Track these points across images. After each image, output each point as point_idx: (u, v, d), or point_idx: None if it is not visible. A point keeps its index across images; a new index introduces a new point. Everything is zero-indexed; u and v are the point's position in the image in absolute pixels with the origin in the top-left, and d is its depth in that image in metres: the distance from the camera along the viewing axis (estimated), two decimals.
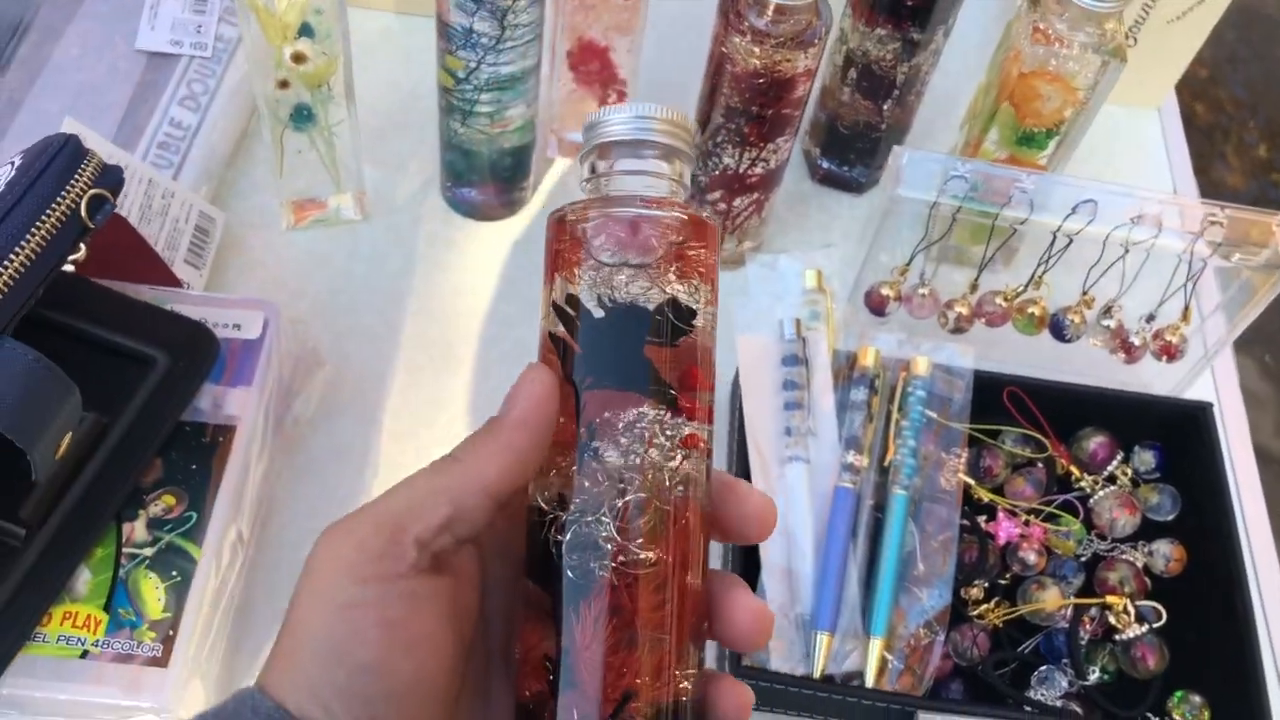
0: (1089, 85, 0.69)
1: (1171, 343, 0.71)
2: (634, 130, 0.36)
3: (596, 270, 0.35)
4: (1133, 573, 0.68)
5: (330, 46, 0.67)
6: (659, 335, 0.35)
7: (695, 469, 0.35)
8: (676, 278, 0.35)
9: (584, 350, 0.35)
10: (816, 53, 0.66)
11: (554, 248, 0.37)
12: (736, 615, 0.35)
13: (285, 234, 0.78)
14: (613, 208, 0.36)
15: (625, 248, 0.35)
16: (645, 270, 0.35)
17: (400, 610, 0.32)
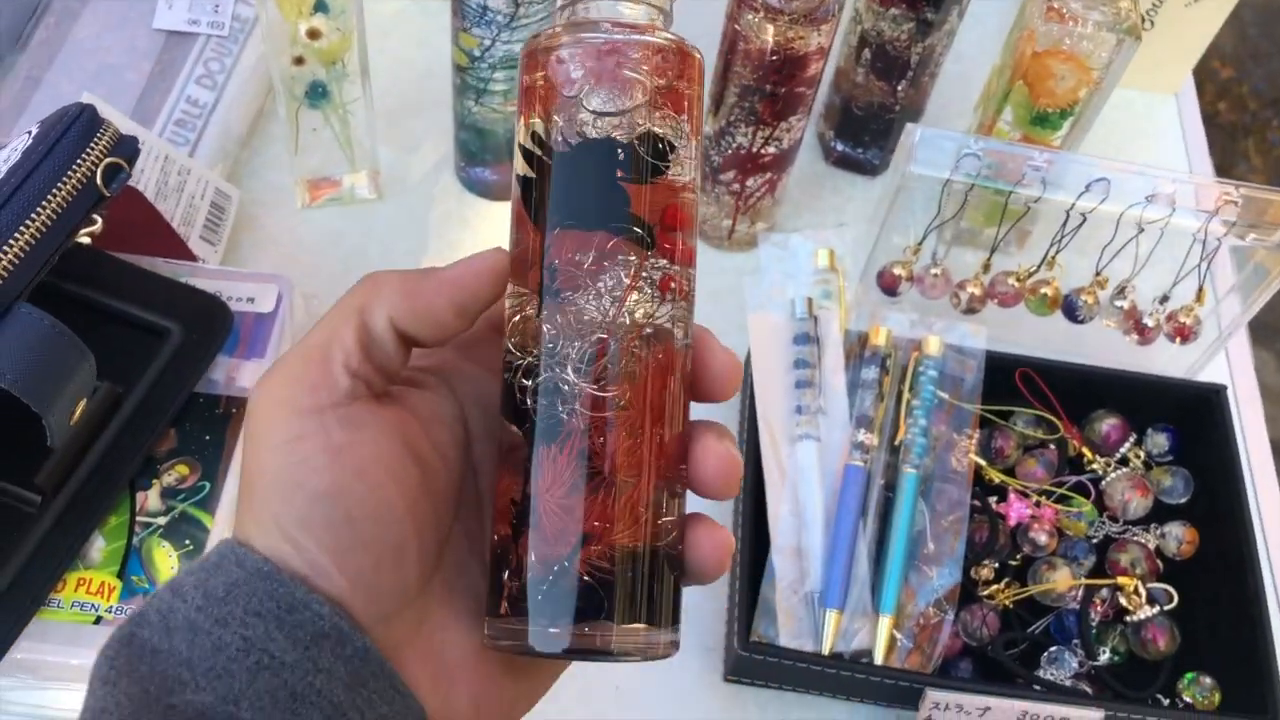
0: (1103, 64, 0.69)
1: (1185, 324, 0.71)
2: None
3: (567, 104, 0.33)
4: (1144, 555, 0.68)
5: (345, 23, 0.67)
6: (634, 171, 0.33)
7: (672, 313, 0.33)
8: (654, 110, 0.33)
9: (552, 188, 0.33)
10: (830, 30, 0.66)
11: (524, 84, 0.34)
12: (705, 460, 0.34)
13: (300, 212, 0.78)
14: (584, 33, 0.33)
15: (598, 77, 0.33)
16: (620, 101, 0.33)
17: (344, 436, 0.32)
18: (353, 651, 0.31)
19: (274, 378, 0.33)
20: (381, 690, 0.31)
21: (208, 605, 0.31)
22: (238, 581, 0.31)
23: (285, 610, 0.30)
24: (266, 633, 0.30)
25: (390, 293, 0.33)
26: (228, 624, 0.30)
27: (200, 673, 0.30)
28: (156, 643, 0.30)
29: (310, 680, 0.30)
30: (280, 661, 0.30)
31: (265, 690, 0.30)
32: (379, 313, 0.33)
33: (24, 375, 0.47)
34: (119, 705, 0.29)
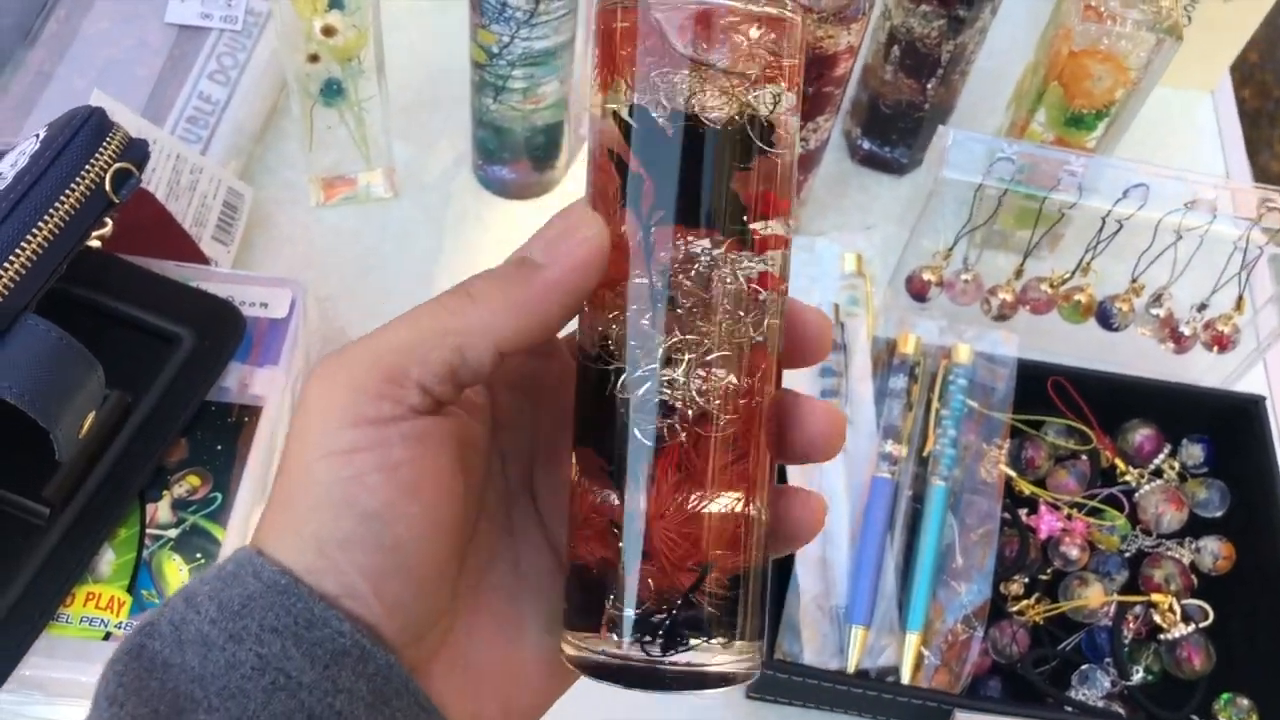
0: (1141, 65, 0.66)
1: (1223, 333, 0.69)
2: None
3: (659, 76, 0.29)
4: (1179, 570, 0.66)
5: (361, 19, 0.65)
6: (738, 157, 0.30)
7: (773, 313, 0.31)
8: (755, 84, 0.30)
9: (647, 175, 0.30)
10: (860, 29, 0.64)
11: (608, 46, 0.31)
12: (811, 419, 0.32)
13: (314, 211, 0.77)
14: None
15: (697, 46, 0.29)
16: (718, 75, 0.29)
17: (403, 453, 0.29)
18: (375, 670, 0.29)
19: (336, 377, 0.30)
20: (406, 709, 0.30)
21: (222, 619, 0.29)
22: (254, 595, 0.29)
23: (303, 626, 0.29)
24: (283, 650, 0.28)
25: (495, 316, 0.30)
26: (242, 640, 0.29)
27: (213, 692, 0.28)
28: (168, 656, 0.29)
29: (330, 701, 0.28)
30: (297, 682, 0.28)
31: (281, 712, 0.28)
32: (482, 344, 0.30)
33: (31, 389, 0.46)
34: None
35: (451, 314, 0.30)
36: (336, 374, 0.30)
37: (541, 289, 0.30)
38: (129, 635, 0.30)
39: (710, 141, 0.30)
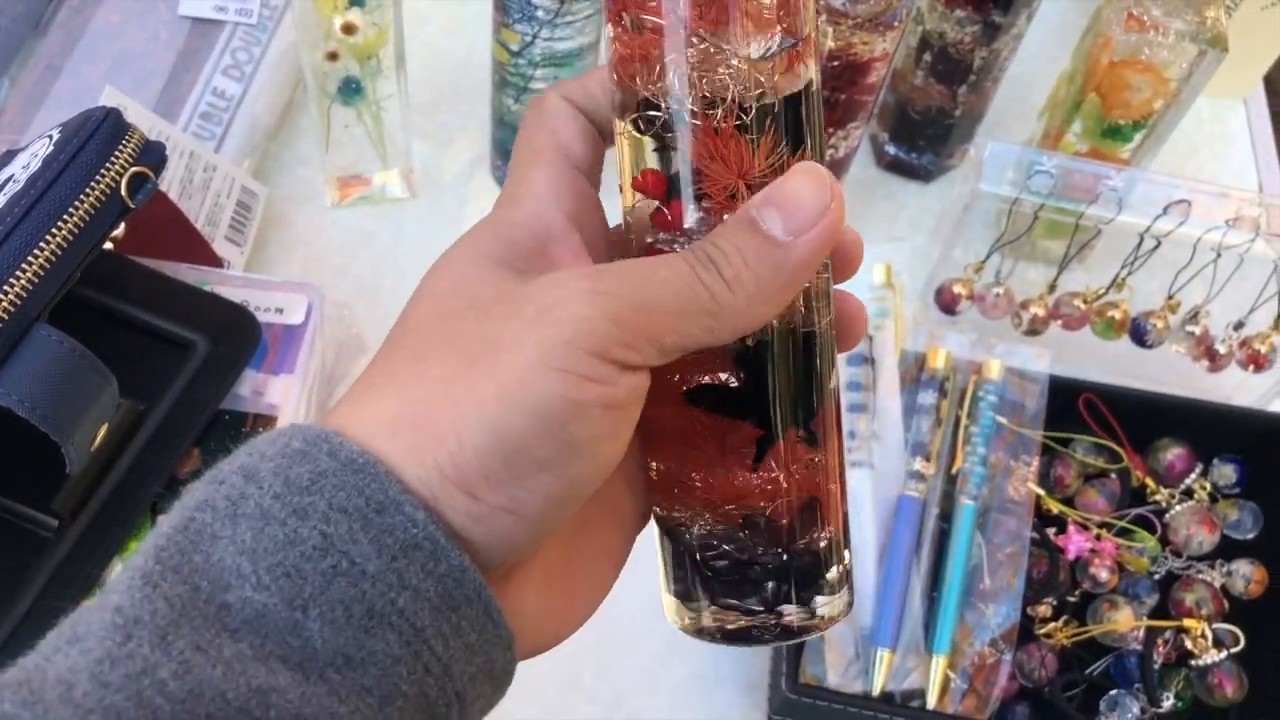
0: (1182, 76, 0.65)
1: (1260, 352, 0.67)
2: None
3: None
4: (1210, 594, 0.65)
5: (381, 17, 0.64)
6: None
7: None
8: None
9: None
10: (896, 36, 0.62)
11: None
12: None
13: (329, 211, 0.75)
14: None
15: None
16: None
17: (625, 399, 0.28)
18: (446, 570, 0.27)
19: (597, 301, 0.27)
20: (473, 617, 0.27)
21: (287, 493, 0.26)
22: (326, 472, 0.26)
23: (374, 510, 0.26)
24: (350, 533, 0.26)
25: (749, 306, 0.28)
26: (307, 516, 0.26)
27: (264, 568, 0.25)
28: (218, 529, 0.26)
29: (392, 597, 0.26)
30: (361, 570, 0.26)
31: (339, 600, 0.26)
32: (727, 332, 0.29)
33: (43, 403, 0.44)
34: (155, 614, 0.24)
35: (710, 296, 0.28)
36: (598, 298, 0.27)
37: (791, 275, 0.28)
38: (176, 511, 0.27)
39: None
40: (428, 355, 0.28)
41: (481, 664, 0.28)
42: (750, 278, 0.28)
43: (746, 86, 0.28)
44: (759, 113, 0.28)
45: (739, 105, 0.28)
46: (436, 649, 0.27)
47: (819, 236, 0.28)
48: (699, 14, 0.27)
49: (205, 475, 0.27)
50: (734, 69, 0.28)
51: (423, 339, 0.29)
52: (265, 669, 0.25)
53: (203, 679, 0.24)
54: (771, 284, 0.28)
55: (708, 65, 0.28)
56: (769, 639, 0.32)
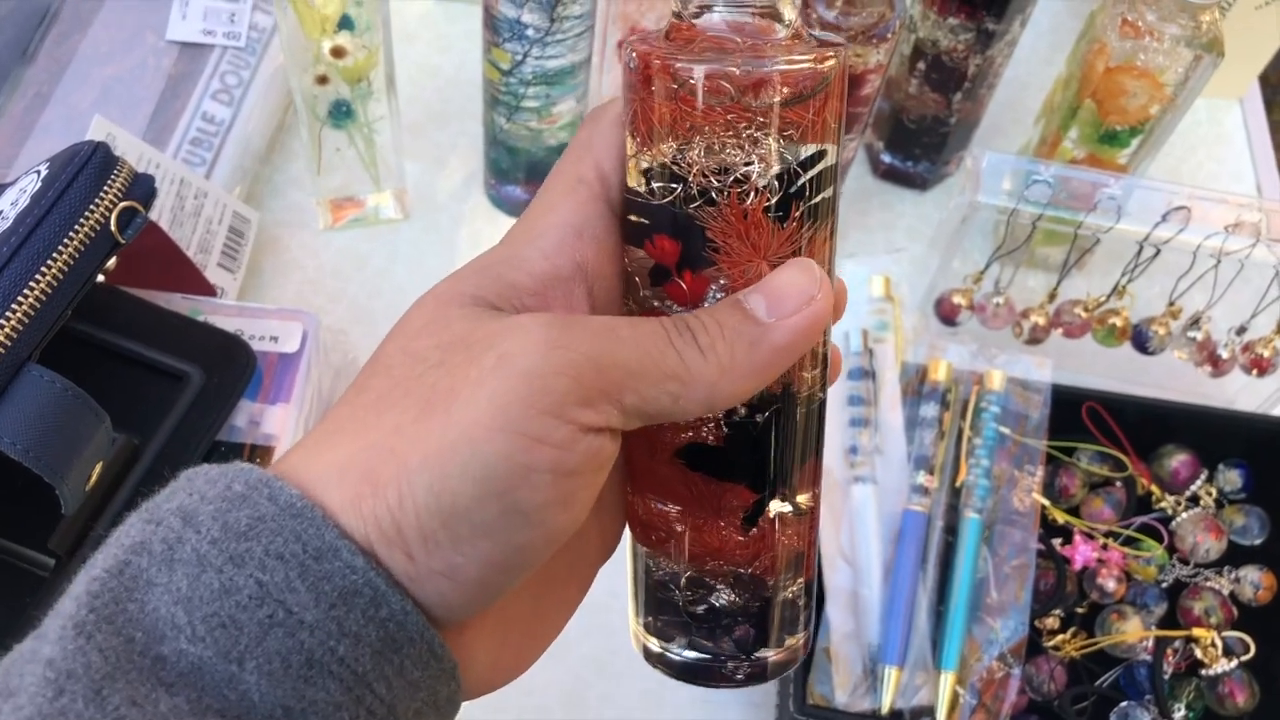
0: (1179, 81, 0.64)
1: (1263, 356, 0.67)
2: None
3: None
4: (1219, 602, 0.64)
5: (371, 39, 0.63)
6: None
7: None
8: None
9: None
10: (889, 48, 0.62)
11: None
12: None
13: (322, 234, 0.74)
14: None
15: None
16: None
17: (577, 465, 0.26)
18: (388, 614, 0.26)
19: (553, 358, 0.26)
20: (416, 656, 0.27)
21: (224, 539, 0.25)
22: (264, 517, 0.26)
23: (312, 557, 0.25)
24: (287, 581, 0.25)
25: (720, 377, 0.28)
26: (244, 564, 0.25)
27: (199, 618, 0.25)
28: (153, 575, 0.25)
29: (332, 645, 0.25)
30: (298, 620, 0.25)
31: (276, 652, 0.25)
32: (695, 404, 0.28)
33: (36, 445, 0.44)
34: (88, 667, 0.24)
35: (679, 359, 0.27)
36: (557, 352, 0.26)
37: (769, 357, 0.28)
38: (110, 550, 0.26)
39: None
40: (388, 399, 0.27)
41: (426, 698, 0.27)
42: (725, 349, 0.28)
43: (777, 174, 0.28)
44: (783, 200, 0.28)
45: (769, 192, 0.28)
46: (379, 691, 0.26)
47: (802, 321, 0.28)
48: (739, 104, 0.27)
49: (140, 511, 0.27)
50: (764, 159, 0.28)
51: (387, 382, 0.28)
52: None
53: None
54: (746, 360, 0.28)
55: (737, 151, 0.28)
56: (738, 681, 0.33)
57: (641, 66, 0.28)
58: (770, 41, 0.28)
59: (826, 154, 0.29)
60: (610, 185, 0.31)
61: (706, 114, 0.28)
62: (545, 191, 0.31)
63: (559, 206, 0.31)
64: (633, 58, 0.29)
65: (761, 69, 0.27)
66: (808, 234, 0.29)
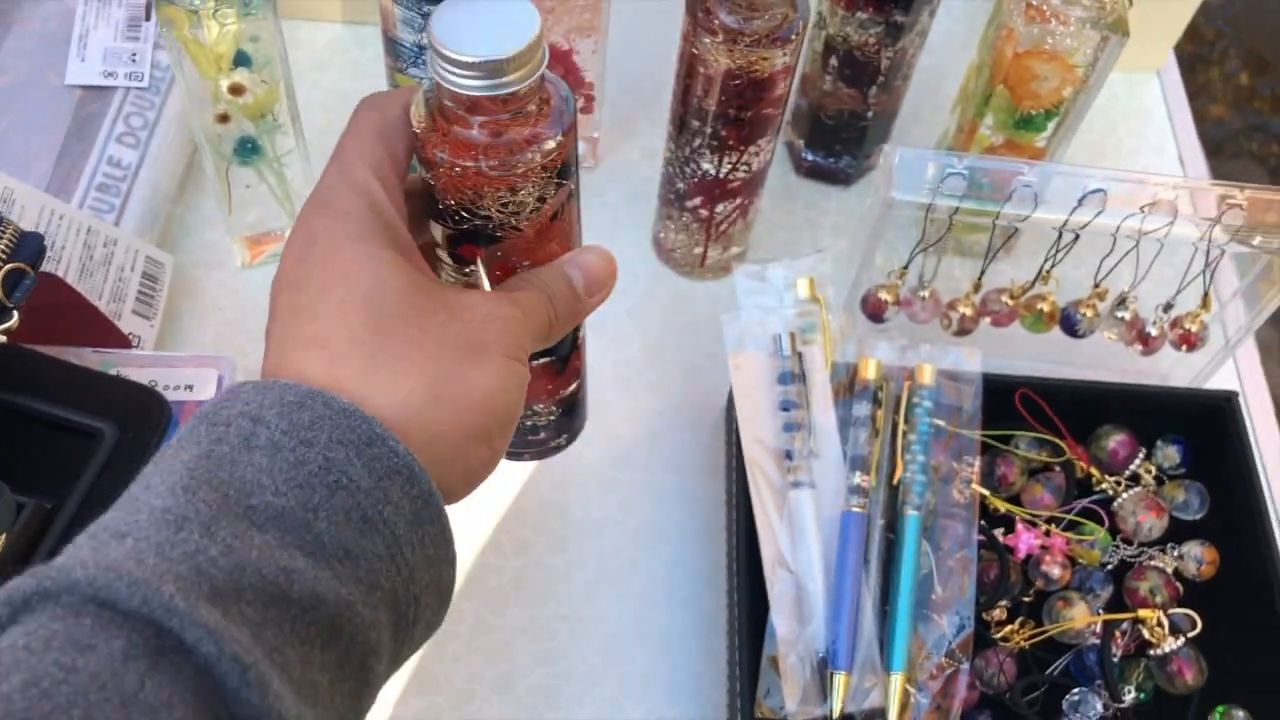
0: (1089, 62, 0.64)
1: (1191, 331, 0.67)
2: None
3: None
4: (1163, 581, 0.64)
5: (270, 74, 0.62)
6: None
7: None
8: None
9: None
10: (795, 48, 0.61)
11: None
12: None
13: (241, 272, 0.73)
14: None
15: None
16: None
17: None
18: (419, 493, 0.34)
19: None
20: (434, 534, 0.35)
21: (293, 430, 0.33)
22: (322, 417, 0.33)
23: (365, 443, 0.33)
24: (347, 458, 0.33)
25: (537, 333, 0.40)
26: (312, 445, 0.33)
27: (281, 481, 0.32)
28: (237, 456, 0.32)
29: (380, 509, 0.33)
30: (357, 485, 0.33)
31: (340, 508, 0.32)
32: (529, 343, 0.40)
33: None
34: (198, 512, 0.31)
35: (549, 324, 0.41)
36: (521, 321, 0.39)
37: (576, 318, 0.42)
38: (198, 433, 0.33)
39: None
40: (405, 344, 0.36)
41: (434, 576, 0.35)
42: (564, 317, 0.42)
43: (538, 197, 0.40)
44: (535, 213, 0.41)
45: (530, 211, 0.41)
46: (407, 555, 0.34)
47: (602, 299, 0.43)
48: (492, 173, 0.39)
49: (195, 422, 0.34)
50: (517, 202, 0.40)
51: (385, 323, 0.36)
52: (287, 555, 0.31)
53: (243, 559, 0.30)
54: (571, 322, 0.42)
55: (493, 196, 0.40)
56: (551, 453, 0.53)
57: (426, 151, 0.39)
58: (519, 118, 0.38)
59: (569, 178, 0.41)
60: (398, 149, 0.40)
61: (475, 180, 0.39)
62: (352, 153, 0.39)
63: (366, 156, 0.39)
64: (420, 155, 0.39)
65: (512, 163, 0.38)
66: (562, 227, 0.42)
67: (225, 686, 0.29)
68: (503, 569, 0.64)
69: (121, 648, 0.28)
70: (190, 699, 0.28)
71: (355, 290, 0.36)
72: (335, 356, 0.35)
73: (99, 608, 0.28)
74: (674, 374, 0.72)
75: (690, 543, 0.67)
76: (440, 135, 0.38)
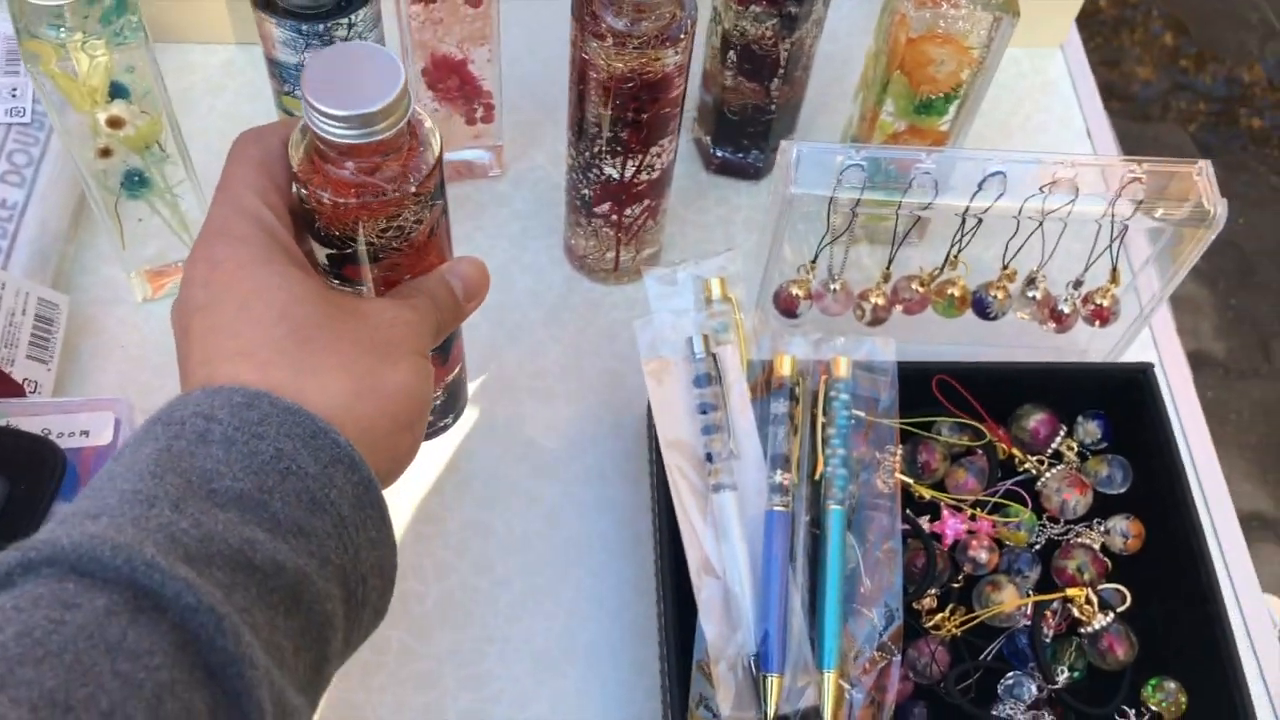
0: (983, 44, 0.64)
1: (1103, 306, 0.67)
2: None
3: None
4: (1090, 558, 0.64)
5: (150, 104, 0.60)
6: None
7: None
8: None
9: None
10: (686, 46, 0.60)
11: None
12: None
13: (143, 307, 0.71)
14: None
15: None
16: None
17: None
18: (359, 479, 0.38)
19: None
20: (375, 518, 0.39)
21: (244, 426, 0.36)
22: (270, 414, 0.37)
23: (310, 436, 0.37)
24: (295, 449, 0.36)
25: (424, 338, 0.45)
26: (263, 438, 0.36)
27: (238, 469, 0.36)
28: (194, 450, 0.36)
29: (327, 492, 0.37)
30: (305, 471, 0.36)
31: (292, 490, 0.36)
32: (419, 346, 0.45)
33: None
34: (166, 493, 0.34)
35: (437, 327, 0.46)
36: (422, 323, 0.45)
37: (459, 320, 0.49)
38: (154, 431, 0.36)
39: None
40: (327, 350, 0.40)
41: (377, 559, 0.39)
42: (449, 320, 0.47)
43: (404, 229, 0.45)
44: (412, 243, 0.46)
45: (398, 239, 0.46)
46: (353, 535, 0.38)
47: (479, 303, 0.49)
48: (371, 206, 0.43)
49: (148, 425, 0.37)
50: (396, 227, 0.45)
51: (305, 333, 0.40)
52: (248, 529, 0.35)
53: (211, 530, 0.34)
54: (452, 324, 0.48)
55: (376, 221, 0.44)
56: (439, 433, 0.61)
57: (307, 190, 0.43)
58: (392, 155, 0.43)
59: (442, 197, 0.46)
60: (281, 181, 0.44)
61: (356, 213, 0.43)
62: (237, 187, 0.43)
63: (250, 183, 0.43)
64: (300, 192, 0.43)
65: (389, 195, 0.43)
66: (437, 242, 0.47)
67: (201, 637, 0.32)
68: (425, 594, 0.63)
69: (104, 605, 0.31)
70: (168, 648, 0.31)
71: (272, 306, 0.39)
72: (265, 365, 0.38)
73: (80, 575, 0.31)
74: (592, 382, 0.71)
75: (617, 552, 0.66)
76: (320, 176, 0.42)
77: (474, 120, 0.74)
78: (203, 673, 0.32)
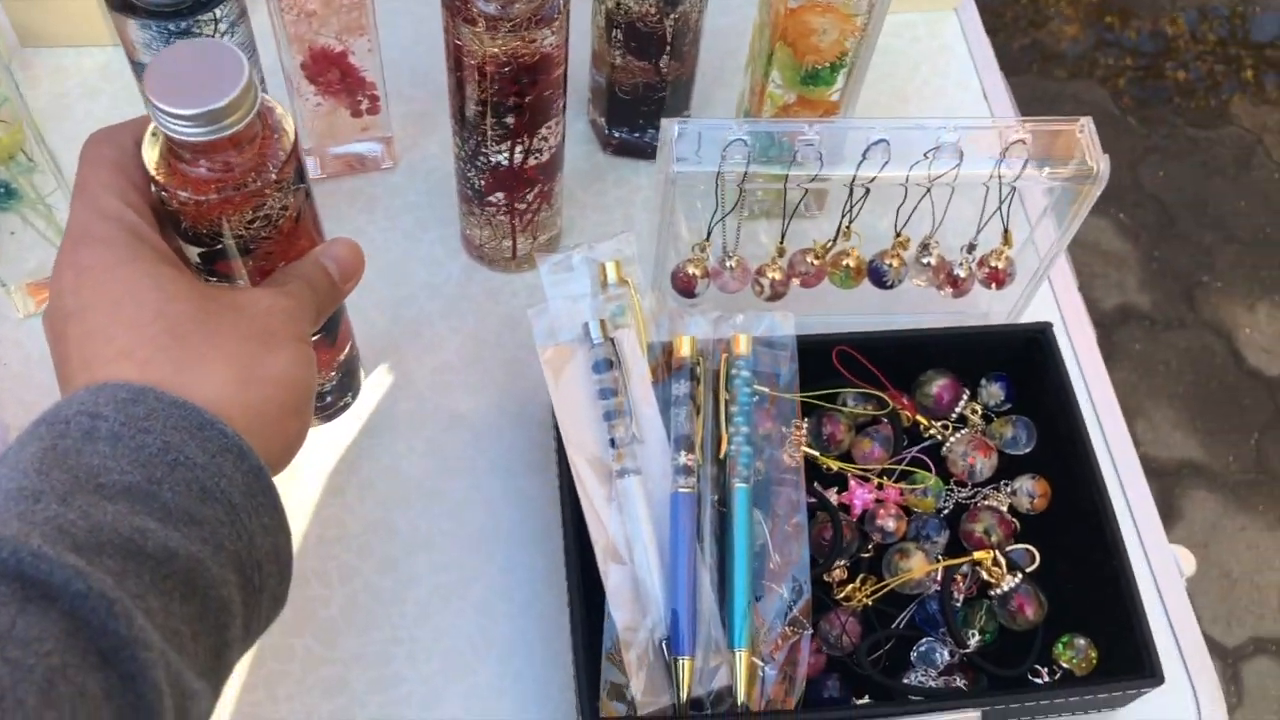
0: (865, 10, 0.63)
1: (998, 268, 0.67)
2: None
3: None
4: (997, 520, 0.64)
5: (9, 113, 0.58)
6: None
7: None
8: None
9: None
10: (561, 25, 0.59)
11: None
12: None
13: (23, 324, 0.69)
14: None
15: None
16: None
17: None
18: (249, 467, 0.38)
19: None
20: (267, 505, 0.39)
21: (131, 421, 0.36)
22: (155, 410, 0.37)
23: (196, 428, 0.37)
24: (182, 441, 0.37)
25: (306, 321, 0.46)
26: (150, 432, 0.36)
27: (125, 463, 0.36)
28: (81, 447, 0.36)
29: (217, 481, 0.37)
30: (194, 462, 0.37)
31: (181, 480, 0.36)
32: (297, 330, 0.45)
33: None
34: (53, 488, 0.34)
35: (316, 311, 0.47)
36: (298, 307, 0.46)
37: (337, 302, 0.49)
38: (39, 432, 0.36)
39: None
40: (206, 344, 0.40)
41: (272, 545, 0.39)
42: (327, 303, 0.48)
43: (270, 218, 0.46)
44: (280, 230, 0.47)
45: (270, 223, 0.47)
46: (246, 521, 0.38)
47: (355, 284, 0.50)
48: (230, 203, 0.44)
49: (35, 425, 0.37)
50: (262, 217, 0.46)
51: (182, 329, 0.40)
52: (139, 519, 0.35)
53: (100, 521, 0.34)
54: (330, 306, 0.49)
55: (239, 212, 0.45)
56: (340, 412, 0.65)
57: (167, 190, 0.43)
58: (247, 147, 0.44)
59: (304, 181, 0.47)
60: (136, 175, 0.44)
61: (219, 208, 0.44)
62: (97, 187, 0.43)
63: (113, 187, 0.43)
64: (160, 194, 0.44)
65: (250, 187, 0.44)
66: (305, 225, 0.48)
67: (92, 622, 0.32)
68: (330, 599, 0.62)
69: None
70: (59, 633, 0.31)
71: (145, 306, 0.40)
72: (145, 363, 0.39)
73: None
74: (494, 373, 0.70)
75: (526, 545, 0.65)
76: (178, 176, 0.43)
77: (360, 112, 0.72)
78: (96, 657, 0.32)
